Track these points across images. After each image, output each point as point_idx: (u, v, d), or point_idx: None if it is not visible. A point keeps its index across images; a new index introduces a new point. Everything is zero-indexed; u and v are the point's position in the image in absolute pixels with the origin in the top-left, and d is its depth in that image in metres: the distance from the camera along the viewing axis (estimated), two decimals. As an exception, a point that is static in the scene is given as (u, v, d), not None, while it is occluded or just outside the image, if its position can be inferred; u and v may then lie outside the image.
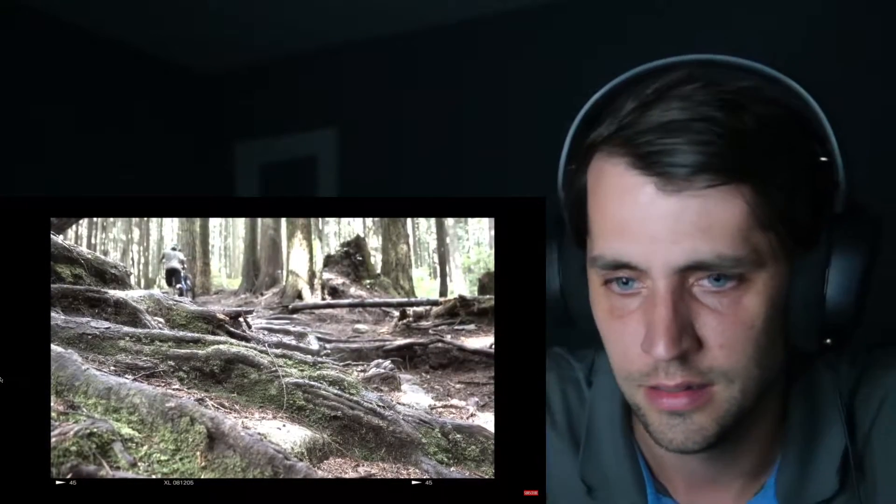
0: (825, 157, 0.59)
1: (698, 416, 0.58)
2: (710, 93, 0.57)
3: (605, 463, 0.71)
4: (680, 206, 0.55)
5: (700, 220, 0.55)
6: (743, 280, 0.56)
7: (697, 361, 0.57)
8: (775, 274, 0.57)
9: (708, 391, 0.58)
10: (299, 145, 3.38)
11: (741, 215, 0.55)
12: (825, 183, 0.59)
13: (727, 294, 0.56)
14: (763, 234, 0.56)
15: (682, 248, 0.55)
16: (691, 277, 0.57)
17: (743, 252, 0.55)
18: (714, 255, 0.55)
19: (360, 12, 2.97)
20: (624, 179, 0.57)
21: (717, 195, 0.55)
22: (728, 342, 0.57)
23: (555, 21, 2.87)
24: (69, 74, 2.97)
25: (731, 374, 0.57)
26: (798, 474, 0.64)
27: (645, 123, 0.57)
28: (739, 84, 0.58)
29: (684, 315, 0.56)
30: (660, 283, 0.56)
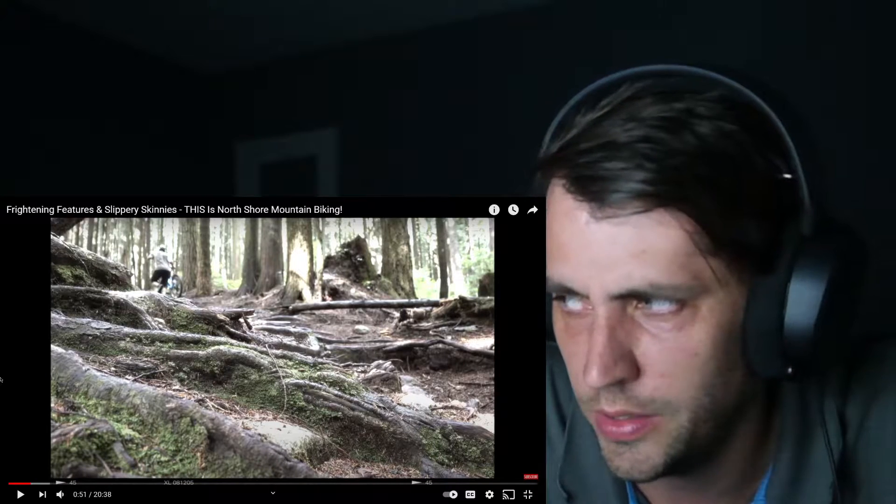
0: (788, 175, 0.54)
1: (644, 446, 0.57)
2: (658, 110, 0.54)
3: (585, 470, 0.70)
4: (614, 231, 0.53)
5: (633, 246, 0.53)
6: (685, 306, 0.54)
7: (637, 390, 0.55)
8: (724, 300, 0.54)
9: (652, 420, 0.56)
10: (299, 145, 3.38)
11: (677, 241, 0.52)
12: (787, 201, 0.54)
13: (668, 319, 0.54)
14: (705, 260, 0.52)
15: (615, 276, 0.53)
16: (632, 302, 0.55)
17: (680, 280, 0.52)
18: (646, 283, 0.53)
19: (360, 12, 2.97)
20: (564, 202, 0.56)
21: (651, 221, 0.52)
22: (669, 370, 0.54)
23: (555, 21, 2.87)
24: (69, 74, 2.97)
25: (675, 403, 0.55)
26: (789, 487, 0.62)
27: (585, 144, 0.55)
28: (697, 97, 0.55)
29: (623, 342, 0.55)
30: (599, 308, 0.55)
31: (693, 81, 0.58)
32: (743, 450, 0.64)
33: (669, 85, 0.57)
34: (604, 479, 0.69)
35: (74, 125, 2.98)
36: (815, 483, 0.62)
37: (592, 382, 0.54)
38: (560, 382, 0.75)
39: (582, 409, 0.61)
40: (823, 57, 2.38)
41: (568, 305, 0.59)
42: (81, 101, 3.01)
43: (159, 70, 3.36)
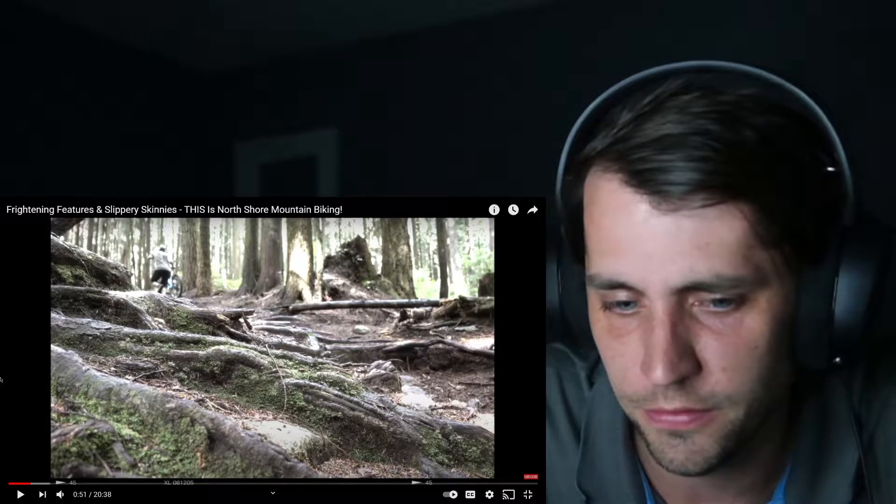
0: (832, 168, 0.56)
1: (699, 437, 0.56)
2: (708, 103, 0.54)
3: (603, 472, 0.70)
4: (676, 224, 0.53)
5: (697, 238, 0.53)
6: (745, 300, 0.54)
7: (698, 386, 0.55)
8: (780, 292, 0.55)
9: (710, 414, 0.56)
10: (299, 145, 3.38)
11: (741, 233, 0.53)
12: (833, 194, 0.56)
13: (728, 315, 0.54)
14: (765, 251, 0.53)
15: (678, 268, 0.53)
16: (691, 298, 0.55)
17: (743, 271, 0.53)
18: (712, 274, 0.53)
19: (360, 12, 2.97)
20: (618, 196, 0.55)
21: (715, 213, 0.52)
22: (731, 365, 0.54)
23: (555, 21, 2.86)
24: (69, 74, 2.97)
25: (735, 397, 0.55)
26: (809, 485, 0.63)
27: (639, 138, 0.55)
28: (739, 93, 0.56)
29: (684, 337, 0.54)
30: (657, 303, 0.54)
31: (729, 78, 0.58)
32: (768, 446, 0.64)
33: (708, 81, 0.57)
34: (622, 481, 0.68)
35: (75, 125, 2.97)
36: (835, 482, 0.62)
37: (658, 380, 0.54)
38: (569, 387, 0.75)
39: (627, 409, 0.60)
40: (826, 55, 2.38)
41: (615, 308, 0.58)
42: (81, 101, 3.01)
43: (159, 70, 3.36)
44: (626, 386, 0.58)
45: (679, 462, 0.57)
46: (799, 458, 0.63)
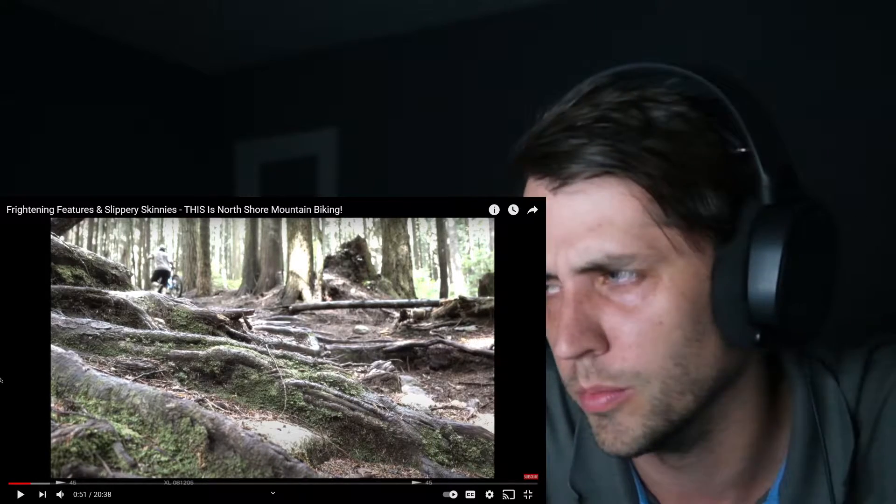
0: (743, 149, 0.57)
1: (621, 416, 0.58)
2: (615, 97, 0.58)
3: (596, 473, 0.70)
4: (572, 206, 0.57)
5: (590, 219, 0.56)
6: (645, 276, 0.56)
7: (608, 363, 0.57)
8: (685, 268, 0.56)
9: (625, 392, 0.58)
10: (299, 145, 3.38)
11: (631, 212, 0.55)
12: (745, 175, 0.57)
13: (631, 290, 0.56)
14: (659, 229, 0.55)
15: (576, 250, 0.57)
16: (598, 277, 0.57)
17: (635, 249, 0.55)
18: (603, 254, 0.56)
19: (360, 12, 2.97)
20: (531, 188, 0.60)
21: (606, 193, 0.56)
22: (636, 341, 0.56)
23: (555, 21, 2.87)
24: (69, 74, 2.97)
25: (644, 374, 0.57)
26: (804, 484, 0.63)
27: (544, 129, 0.59)
28: (651, 88, 0.58)
29: (590, 315, 0.57)
30: (567, 284, 0.58)
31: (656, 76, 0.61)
32: (744, 438, 0.64)
33: (631, 77, 0.61)
34: (614, 480, 0.69)
35: (75, 125, 2.98)
36: (830, 480, 0.62)
37: (560, 353, 0.57)
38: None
39: (570, 393, 0.63)
40: (822, 55, 2.38)
41: (550, 291, 0.61)
42: (82, 101, 3.01)
43: (159, 70, 3.36)
44: (559, 367, 0.62)
45: (609, 442, 0.59)
46: (792, 457, 0.64)
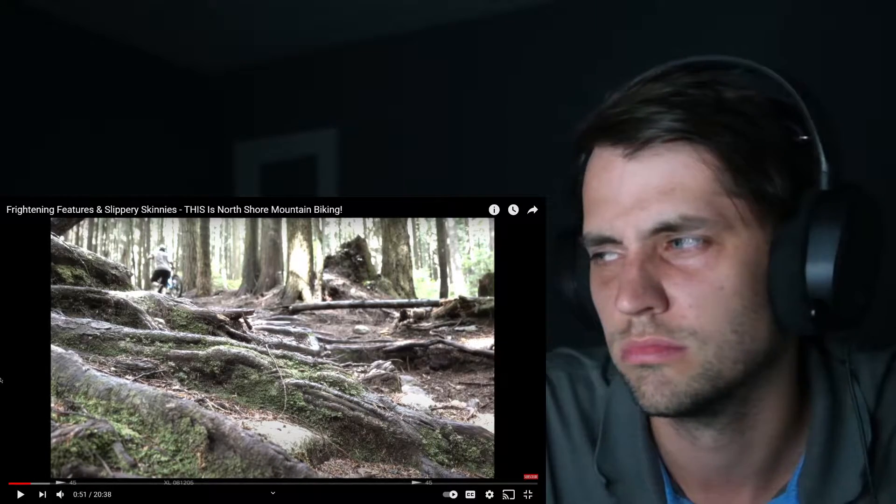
0: (805, 136, 0.61)
1: (668, 370, 0.60)
2: (686, 78, 0.61)
3: (622, 459, 0.72)
4: (645, 172, 0.59)
5: (664, 183, 0.59)
6: (711, 242, 0.59)
7: (666, 319, 0.59)
8: (747, 240, 0.59)
9: (680, 350, 0.59)
10: (299, 145, 3.38)
11: (703, 179, 0.58)
12: (805, 160, 0.61)
13: (695, 255, 0.59)
14: (728, 199, 0.58)
15: (647, 213, 0.59)
16: (662, 243, 0.60)
17: (706, 214, 0.58)
18: (677, 215, 0.58)
19: (360, 12, 2.97)
20: (601, 157, 0.62)
21: (680, 159, 0.58)
22: (697, 302, 0.59)
23: (555, 21, 2.86)
24: (69, 74, 2.97)
25: (701, 334, 0.59)
26: (821, 477, 0.64)
27: (619, 102, 0.62)
28: (719, 73, 0.62)
29: (652, 275, 0.59)
30: (631, 247, 0.60)
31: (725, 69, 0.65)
32: (774, 425, 0.66)
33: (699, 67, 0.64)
34: (640, 465, 0.71)
35: (74, 125, 2.97)
36: (846, 476, 0.64)
37: (623, 307, 0.59)
38: (580, 388, 0.77)
39: (612, 355, 0.64)
40: (821, 56, 2.38)
41: (604, 259, 0.63)
42: (81, 101, 3.01)
43: (159, 70, 3.36)
44: (610, 325, 0.63)
45: (649, 394, 0.61)
46: (811, 450, 0.65)
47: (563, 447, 0.75)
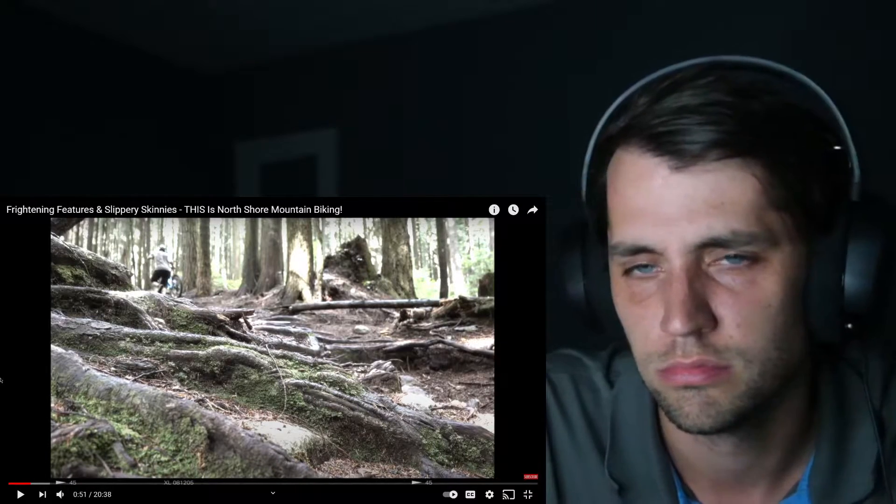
0: (838, 146, 0.60)
1: (713, 391, 0.58)
2: (722, 83, 0.58)
3: (632, 463, 0.71)
4: (692, 184, 0.56)
5: (713, 197, 0.56)
6: (758, 259, 0.57)
7: (714, 339, 0.57)
8: (792, 255, 0.58)
9: (726, 370, 0.58)
10: (299, 145, 3.38)
11: (753, 193, 0.56)
12: (839, 170, 0.60)
13: (742, 272, 0.57)
14: (776, 213, 0.57)
15: (696, 227, 0.56)
16: (707, 257, 0.58)
17: (756, 229, 0.56)
18: (728, 230, 0.56)
19: (360, 12, 2.97)
20: (638, 165, 0.59)
21: (729, 173, 0.56)
22: (745, 321, 0.57)
23: (555, 21, 2.86)
24: (69, 74, 2.97)
25: (748, 354, 0.58)
26: (832, 475, 0.64)
27: (658, 110, 0.58)
28: (751, 78, 0.60)
29: (700, 292, 0.57)
30: (676, 262, 0.57)
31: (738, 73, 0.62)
32: (788, 429, 0.66)
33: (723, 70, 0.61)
34: (651, 469, 0.70)
35: (74, 125, 2.97)
36: (856, 474, 0.64)
37: (675, 330, 0.56)
38: (584, 390, 0.76)
39: (648, 377, 0.62)
40: (822, 56, 2.38)
41: (635, 272, 0.61)
42: (81, 101, 3.01)
43: (159, 70, 3.36)
44: (648, 346, 0.61)
45: (694, 415, 0.59)
46: (821, 449, 0.65)
47: (567, 451, 0.74)
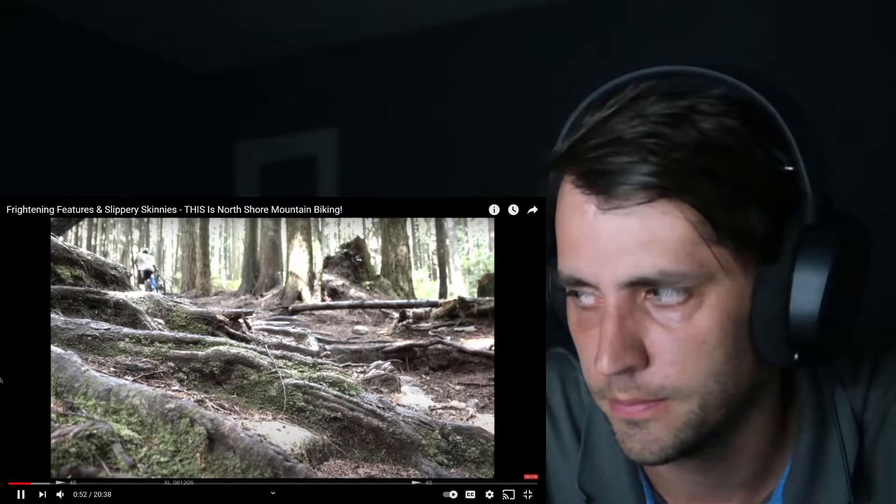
0: (790, 167, 0.56)
1: (654, 427, 0.58)
2: (663, 107, 0.56)
3: (603, 474, 0.71)
4: (621, 222, 0.55)
5: (641, 235, 0.54)
6: (692, 295, 0.55)
7: (647, 378, 0.56)
8: (731, 288, 0.56)
9: (663, 403, 0.57)
10: (299, 145, 3.38)
11: (682, 231, 0.54)
12: (791, 193, 0.56)
13: (676, 309, 0.56)
14: (709, 248, 0.54)
15: (625, 264, 0.55)
16: (641, 292, 0.56)
17: (686, 267, 0.54)
18: (656, 270, 0.54)
19: (360, 12, 2.97)
20: (573, 197, 0.58)
21: (657, 212, 0.54)
22: (679, 358, 0.56)
23: (554, 21, 2.87)
24: (69, 75, 2.97)
25: (685, 390, 0.56)
26: (808, 486, 0.63)
27: (592, 140, 0.57)
28: (701, 95, 0.57)
29: (633, 330, 0.56)
30: (609, 298, 0.56)
31: (697, 81, 0.60)
32: (759, 443, 0.64)
33: (673, 85, 0.59)
34: (622, 481, 0.69)
35: (74, 125, 2.97)
36: (833, 483, 0.63)
37: (603, 370, 0.56)
38: (571, 390, 0.76)
39: (596, 400, 0.62)
40: (827, 56, 2.38)
41: (581, 300, 0.60)
42: (81, 101, 3.01)
43: (159, 70, 3.36)
44: (589, 378, 0.61)
45: (637, 451, 0.59)
46: (797, 458, 0.64)
47: (554, 451, 0.74)
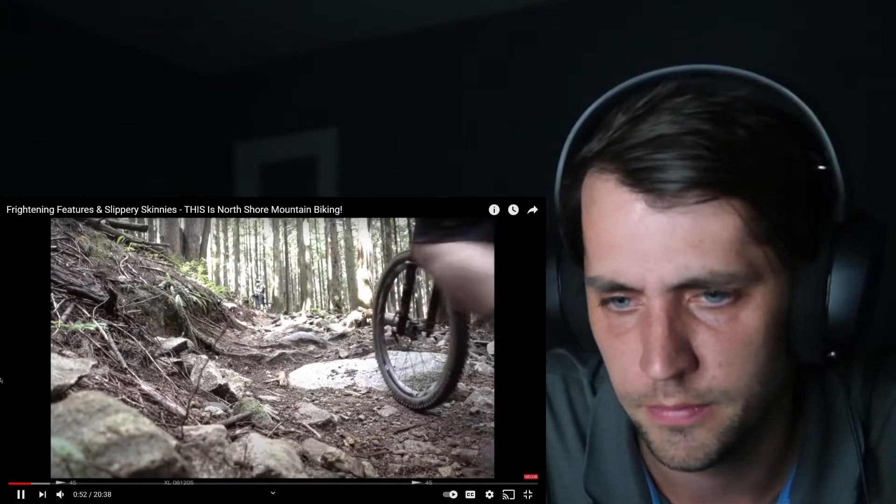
0: (823, 166, 0.57)
1: (699, 432, 0.57)
2: (701, 105, 0.55)
3: (609, 476, 0.70)
4: (671, 222, 0.54)
5: (692, 236, 0.54)
6: (740, 296, 0.55)
7: (696, 381, 0.56)
8: (774, 287, 0.56)
9: (709, 408, 0.57)
10: (299, 145, 3.38)
11: (734, 230, 0.54)
12: (824, 192, 0.57)
13: (724, 310, 0.55)
14: (759, 248, 0.54)
15: (674, 266, 0.54)
16: (687, 294, 0.55)
17: (737, 267, 0.54)
18: (706, 271, 0.54)
19: (360, 12, 2.97)
20: (614, 196, 0.56)
21: (709, 210, 0.53)
22: (727, 360, 0.55)
23: (555, 21, 2.86)
24: (69, 74, 2.96)
25: (732, 392, 0.56)
26: (814, 489, 0.63)
27: (634, 138, 0.55)
28: (730, 94, 0.57)
29: (681, 333, 0.55)
30: (655, 301, 0.55)
31: (722, 81, 0.59)
32: (770, 444, 0.64)
33: (701, 84, 0.58)
34: (628, 483, 0.69)
35: (75, 125, 2.97)
36: (839, 484, 0.63)
37: (656, 374, 0.55)
38: (574, 392, 0.75)
39: (629, 409, 0.61)
40: (820, 56, 2.38)
41: (612, 305, 0.59)
42: (82, 101, 3.00)
43: (159, 70, 3.36)
44: (626, 384, 0.59)
45: (680, 458, 0.58)
46: (804, 460, 0.64)
47: (557, 453, 0.74)
